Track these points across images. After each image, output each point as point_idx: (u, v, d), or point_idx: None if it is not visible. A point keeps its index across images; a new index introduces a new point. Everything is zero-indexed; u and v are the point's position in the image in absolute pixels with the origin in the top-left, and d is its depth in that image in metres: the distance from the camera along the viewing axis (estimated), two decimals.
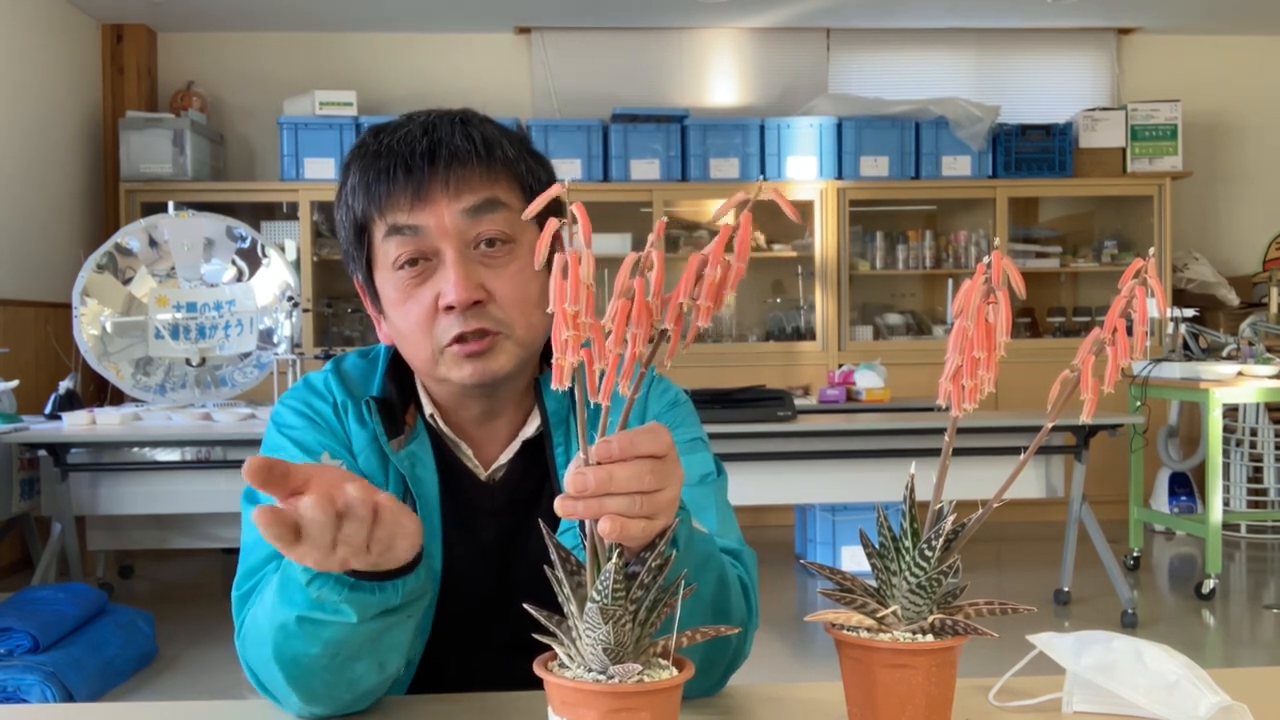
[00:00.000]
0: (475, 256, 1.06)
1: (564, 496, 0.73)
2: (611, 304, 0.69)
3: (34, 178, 5.21)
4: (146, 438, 3.76)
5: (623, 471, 0.74)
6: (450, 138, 1.06)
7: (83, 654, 3.17)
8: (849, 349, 5.84)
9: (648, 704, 0.72)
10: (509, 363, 1.08)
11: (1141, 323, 0.73)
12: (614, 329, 0.68)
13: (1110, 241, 6.20)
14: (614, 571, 0.71)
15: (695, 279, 0.69)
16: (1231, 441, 5.40)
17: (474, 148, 1.06)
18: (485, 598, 1.14)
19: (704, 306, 0.69)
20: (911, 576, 0.81)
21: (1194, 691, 0.90)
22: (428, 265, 1.06)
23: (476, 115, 1.12)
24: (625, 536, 0.73)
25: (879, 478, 3.84)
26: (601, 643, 0.72)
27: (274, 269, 4.37)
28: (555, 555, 0.76)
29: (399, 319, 1.08)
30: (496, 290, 1.06)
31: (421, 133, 1.07)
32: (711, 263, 0.69)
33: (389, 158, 1.06)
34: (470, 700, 1.02)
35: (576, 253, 0.69)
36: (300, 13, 5.86)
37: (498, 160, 1.08)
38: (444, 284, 1.04)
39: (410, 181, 1.05)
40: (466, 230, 1.05)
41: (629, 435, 0.75)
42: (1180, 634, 3.90)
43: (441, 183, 1.05)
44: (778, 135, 5.88)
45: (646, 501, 0.74)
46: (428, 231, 1.05)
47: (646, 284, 0.69)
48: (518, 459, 1.16)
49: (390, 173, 1.05)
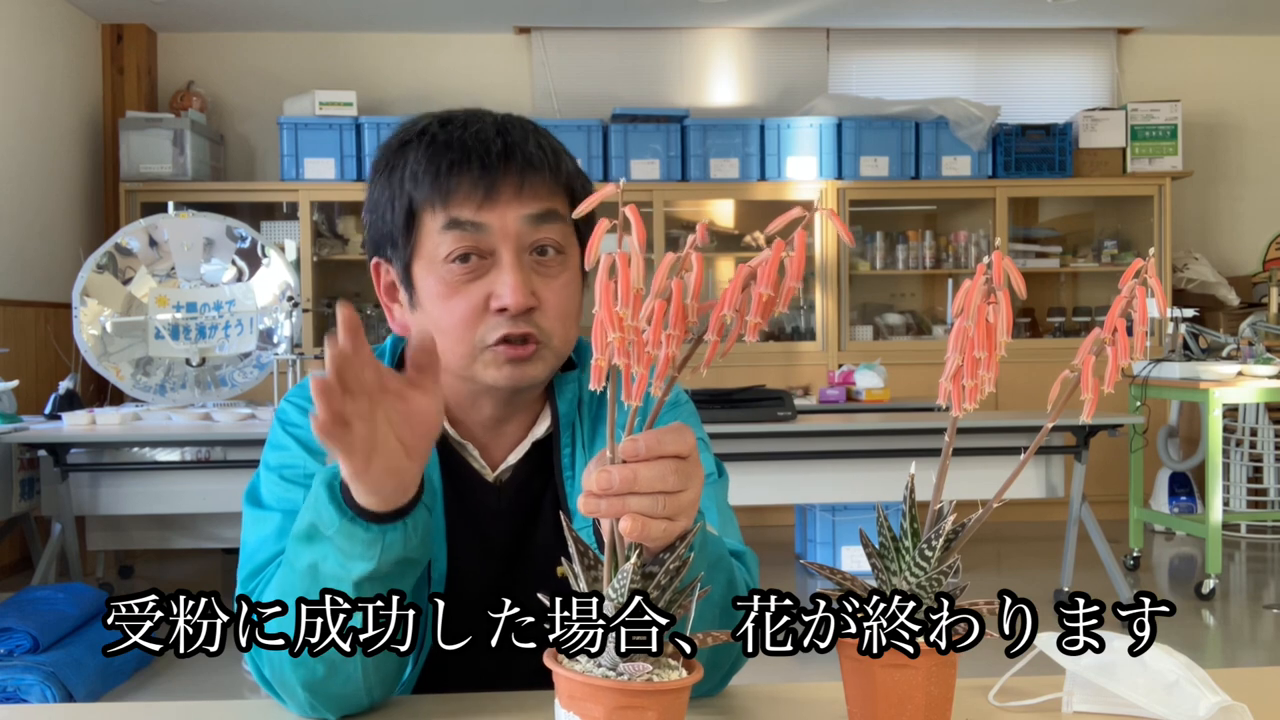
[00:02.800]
0: (529, 263, 1.06)
1: (587, 493, 0.73)
2: (647, 304, 0.68)
3: (34, 178, 5.21)
4: (146, 438, 3.76)
5: (647, 471, 0.74)
6: (524, 143, 1.07)
7: (83, 654, 3.17)
8: (849, 349, 5.84)
9: (656, 703, 0.72)
10: (544, 371, 1.09)
11: (1141, 323, 0.73)
12: (650, 329, 0.68)
13: (1110, 241, 6.20)
14: (632, 570, 0.71)
15: (740, 290, 0.69)
16: (1231, 441, 5.40)
17: (546, 157, 1.07)
18: (489, 597, 1.14)
19: (753, 323, 0.69)
20: (911, 576, 0.81)
21: (1194, 691, 0.90)
22: (481, 264, 1.05)
23: (542, 127, 1.12)
24: (646, 537, 0.73)
25: (879, 478, 3.84)
26: (614, 640, 0.72)
27: (274, 269, 4.37)
28: (574, 549, 0.76)
29: (441, 313, 1.07)
30: (545, 299, 1.06)
31: (495, 132, 1.07)
32: (764, 280, 0.68)
33: (461, 150, 1.05)
34: (473, 700, 1.02)
35: (626, 254, 0.68)
36: (300, 13, 5.86)
37: (562, 174, 1.09)
38: (499, 286, 1.04)
39: (484, 179, 1.04)
40: (526, 236, 1.06)
41: (655, 434, 0.75)
42: (1180, 634, 3.90)
43: (514, 186, 1.05)
44: (778, 135, 5.88)
45: (669, 502, 0.74)
46: (490, 231, 1.05)
47: (684, 286, 0.69)
48: (525, 461, 1.16)
49: (463, 166, 1.05)
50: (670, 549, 0.76)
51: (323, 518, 0.87)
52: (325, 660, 0.92)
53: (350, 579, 0.88)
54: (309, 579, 0.89)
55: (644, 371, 0.68)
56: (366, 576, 0.88)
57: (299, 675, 0.95)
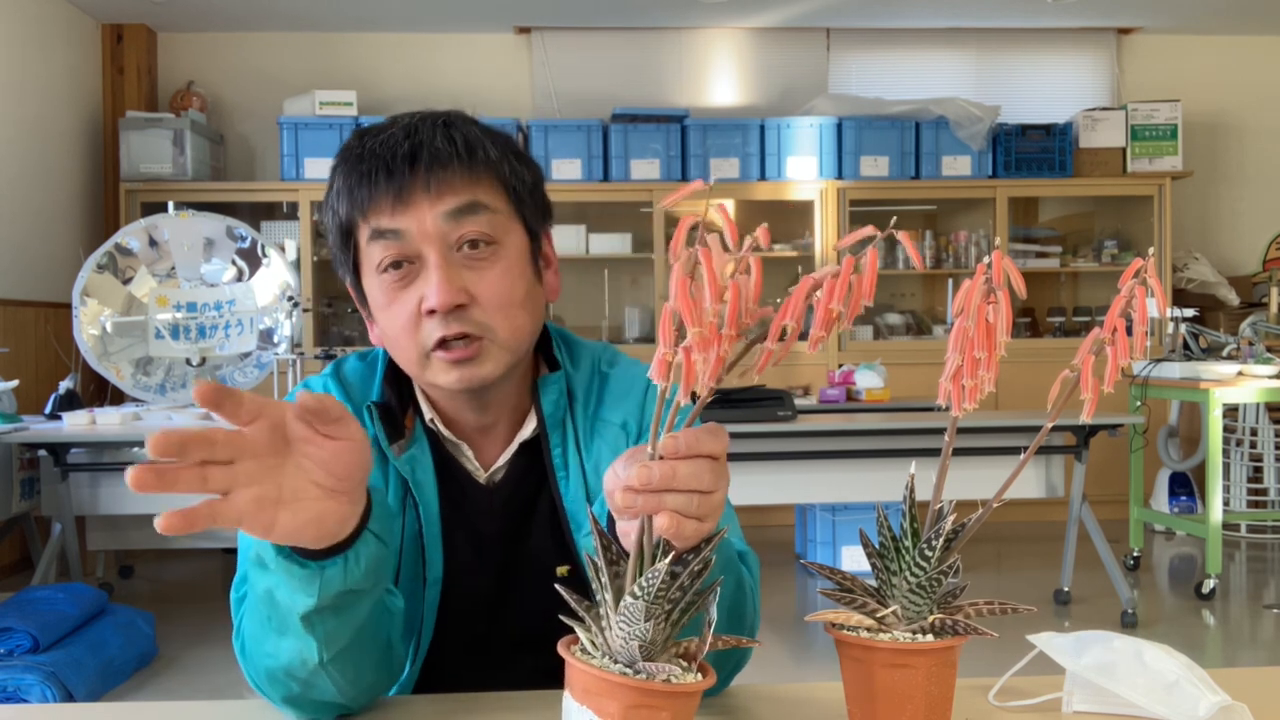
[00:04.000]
0: (458, 259, 1.05)
1: (627, 488, 0.73)
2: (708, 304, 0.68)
3: (34, 178, 5.21)
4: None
5: (685, 469, 0.74)
6: (431, 140, 1.06)
7: (83, 654, 3.17)
8: (849, 349, 5.84)
9: (670, 705, 0.72)
10: (496, 368, 1.07)
11: (1141, 322, 0.73)
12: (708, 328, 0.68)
13: (1110, 241, 6.20)
14: (664, 571, 0.71)
15: (803, 300, 0.69)
16: (1231, 441, 5.40)
17: (455, 149, 1.05)
18: (486, 598, 1.15)
19: (815, 336, 0.69)
20: (911, 576, 0.81)
21: (1194, 691, 0.90)
22: (411, 269, 1.05)
23: (461, 116, 1.11)
24: (680, 535, 0.73)
25: (879, 478, 3.84)
26: (638, 639, 0.72)
27: (274, 269, 4.37)
28: (598, 543, 0.75)
29: (385, 322, 1.08)
30: (480, 293, 1.05)
31: (403, 136, 1.06)
32: (833, 295, 0.68)
33: (371, 161, 1.05)
34: (473, 700, 1.02)
35: (709, 249, 0.68)
36: (300, 13, 5.86)
37: (479, 162, 1.07)
38: (426, 287, 1.04)
39: (391, 185, 1.04)
40: (448, 233, 1.05)
41: (694, 433, 0.75)
42: (1180, 634, 3.90)
43: (423, 186, 1.04)
44: (778, 135, 5.88)
45: (703, 501, 0.74)
46: (409, 235, 1.04)
47: (741, 289, 0.69)
48: (516, 460, 1.16)
49: (372, 176, 1.05)
50: (696, 550, 0.76)
51: (266, 555, 0.85)
52: (296, 680, 0.92)
53: (296, 612, 0.87)
54: (269, 603, 0.88)
55: (705, 367, 0.68)
56: (312, 610, 0.86)
57: (278, 691, 0.96)
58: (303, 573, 0.84)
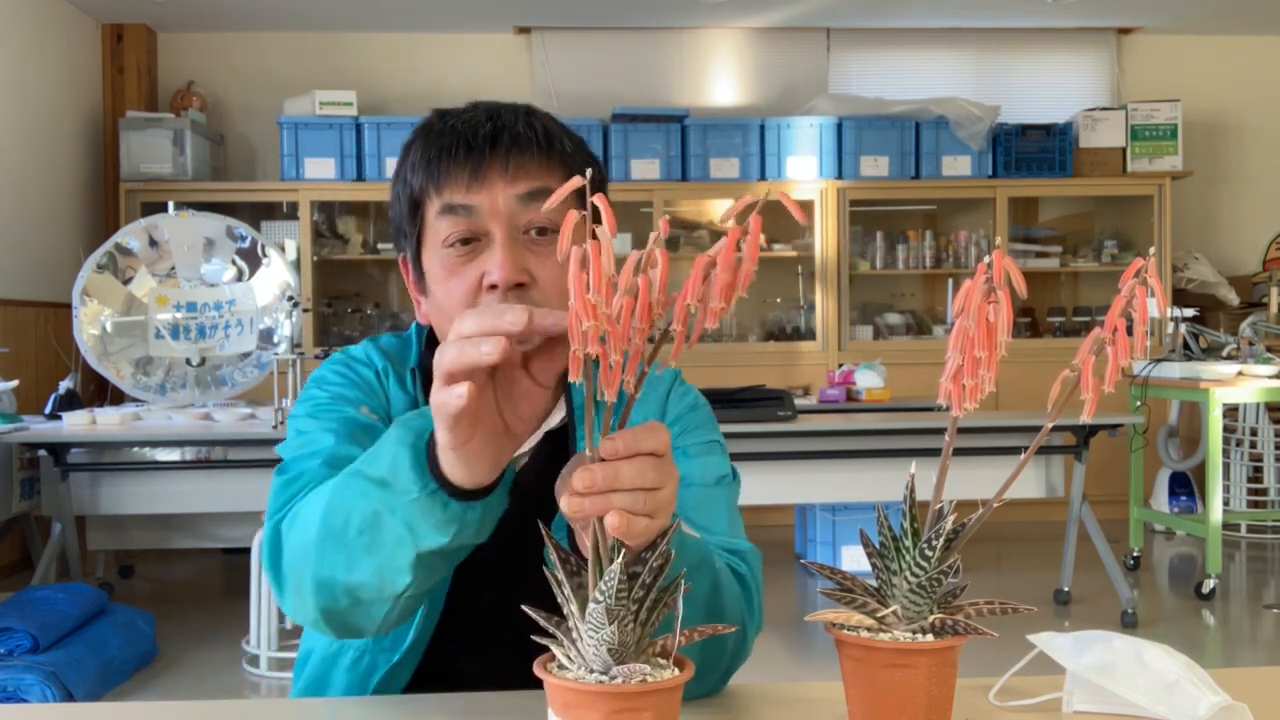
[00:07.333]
0: (523, 242, 1.08)
1: (571, 493, 0.74)
2: (615, 300, 0.69)
3: (34, 178, 5.21)
4: (146, 438, 3.76)
5: (628, 468, 0.74)
6: (513, 124, 1.09)
7: (83, 654, 3.17)
8: (849, 349, 5.84)
9: (651, 704, 0.72)
10: None
11: (1141, 322, 0.73)
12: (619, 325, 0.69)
13: (1110, 241, 6.20)
14: (619, 571, 0.71)
15: (702, 280, 0.69)
16: (1231, 441, 5.40)
17: (535, 136, 1.09)
18: (496, 589, 1.15)
19: (715, 308, 0.69)
20: (912, 576, 0.81)
21: (1194, 691, 0.90)
22: (477, 245, 1.07)
23: (541, 110, 1.15)
24: (630, 533, 0.73)
25: (879, 478, 3.84)
26: (606, 643, 0.72)
27: (274, 269, 4.36)
28: (555, 556, 0.76)
29: (442, 295, 1.10)
30: (540, 277, 1.07)
31: (486, 117, 1.10)
32: (723, 265, 0.69)
33: (452, 136, 1.09)
34: (473, 700, 1.02)
35: (598, 243, 0.69)
36: (300, 13, 5.86)
37: (556, 153, 1.10)
38: (490, 263, 1.06)
39: (470, 161, 1.07)
40: (518, 215, 1.07)
41: (633, 432, 0.76)
42: (1180, 634, 3.90)
43: (500, 166, 1.07)
44: (778, 135, 5.88)
45: (649, 498, 0.75)
46: (480, 211, 1.07)
47: (650, 282, 0.69)
48: (541, 449, 1.16)
49: (452, 151, 1.08)
50: (652, 547, 0.76)
51: (400, 481, 0.85)
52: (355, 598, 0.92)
53: (414, 551, 0.86)
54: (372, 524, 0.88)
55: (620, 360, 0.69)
56: (432, 552, 0.87)
57: (321, 600, 0.95)
58: (444, 514, 0.85)
